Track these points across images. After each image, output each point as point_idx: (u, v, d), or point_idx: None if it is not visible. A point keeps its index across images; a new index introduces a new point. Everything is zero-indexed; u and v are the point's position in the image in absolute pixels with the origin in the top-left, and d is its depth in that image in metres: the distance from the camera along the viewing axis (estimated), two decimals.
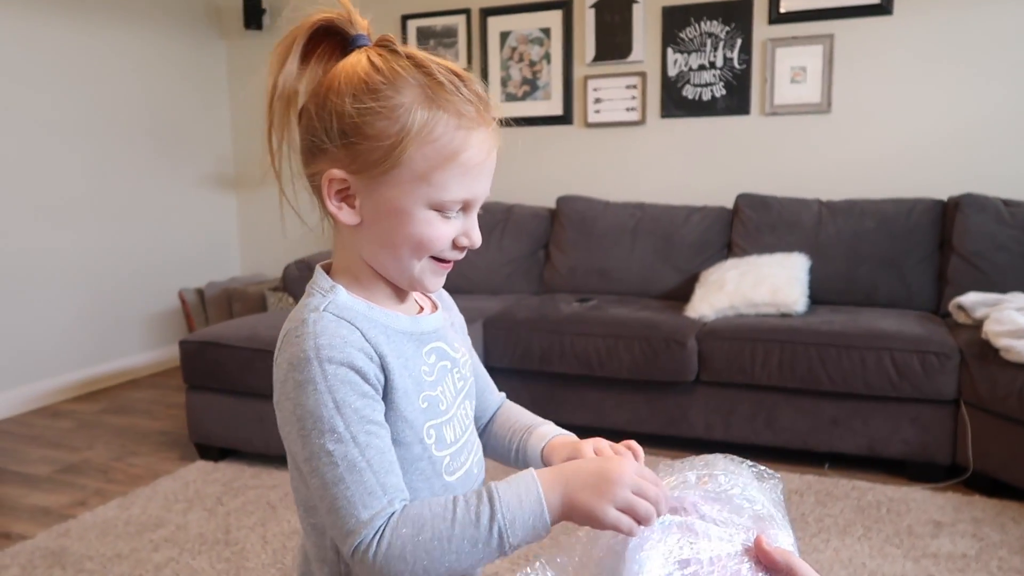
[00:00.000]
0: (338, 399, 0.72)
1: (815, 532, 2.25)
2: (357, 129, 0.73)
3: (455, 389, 0.85)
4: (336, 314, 0.76)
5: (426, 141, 0.73)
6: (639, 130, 3.75)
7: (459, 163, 0.74)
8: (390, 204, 0.75)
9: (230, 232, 4.69)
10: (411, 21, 4.06)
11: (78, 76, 3.74)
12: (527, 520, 0.71)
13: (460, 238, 0.79)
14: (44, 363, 3.64)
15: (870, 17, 3.31)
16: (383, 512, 0.71)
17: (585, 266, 3.49)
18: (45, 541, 2.29)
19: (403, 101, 0.73)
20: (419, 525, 0.70)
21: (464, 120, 0.74)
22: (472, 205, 0.79)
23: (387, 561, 0.70)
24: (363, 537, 0.70)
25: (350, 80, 0.74)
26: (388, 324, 0.79)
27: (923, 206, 3.11)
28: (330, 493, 0.71)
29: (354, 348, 0.74)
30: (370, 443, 0.72)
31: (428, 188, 0.74)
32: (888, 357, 2.56)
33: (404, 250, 0.77)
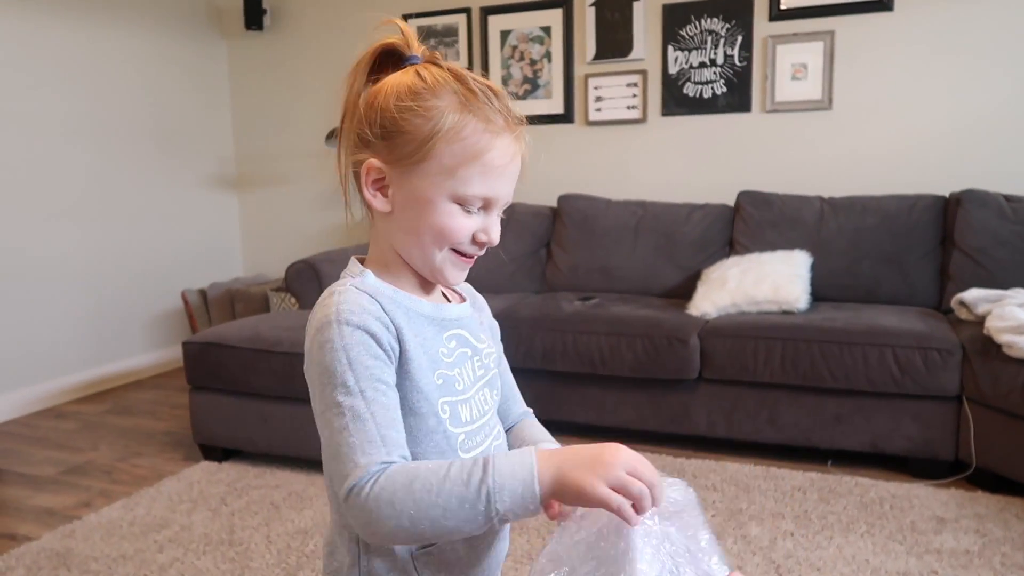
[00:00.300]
0: (351, 356, 0.78)
1: (818, 529, 2.25)
2: (396, 124, 0.83)
3: (474, 375, 0.91)
4: (360, 288, 0.84)
5: (455, 139, 0.82)
6: (640, 128, 3.75)
7: (482, 162, 0.83)
8: (418, 194, 0.84)
9: (232, 233, 4.70)
10: (412, 20, 4.04)
11: (79, 77, 3.74)
12: (516, 489, 0.73)
13: (479, 234, 0.86)
14: (48, 364, 3.65)
15: (871, 13, 3.31)
16: (379, 459, 0.75)
17: (587, 264, 3.49)
18: (50, 542, 2.30)
19: (439, 104, 0.82)
20: (412, 475, 0.74)
21: (491, 126, 0.83)
22: (493, 204, 0.86)
23: (377, 504, 0.73)
24: (358, 480, 0.74)
25: (397, 86, 0.84)
26: (410, 307, 0.87)
27: (925, 202, 3.11)
28: (335, 441, 0.77)
29: (371, 316, 0.81)
30: (376, 399, 0.78)
31: (452, 182, 0.83)
32: (890, 353, 2.56)
33: (427, 238, 0.85)
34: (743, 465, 2.70)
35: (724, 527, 2.28)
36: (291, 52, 4.39)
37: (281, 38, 4.41)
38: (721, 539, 2.21)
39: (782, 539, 2.20)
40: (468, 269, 0.90)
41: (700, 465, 2.71)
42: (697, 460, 2.76)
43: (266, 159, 4.56)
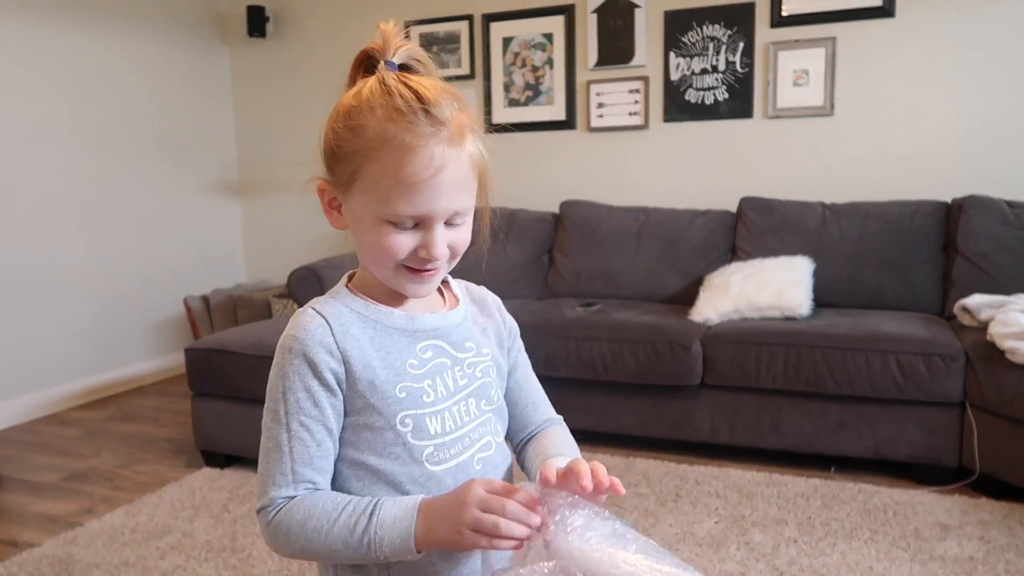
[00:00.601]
0: (286, 386, 0.84)
1: (822, 536, 2.24)
2: (331, 149, 0.85)
3: (454, 385, 0.91)
4: (318, 310, 0.87)
5: (375, 157, 0.81)
6: (642, 134, 3.76)
7: (399, 179, 0.80)
8: (355, 215, 0.86)
9: (235, 239, 4.70)
10: (414, 27, 4.07)
11: (83, 84, 3.76)
12: (395, 541, 0.79)
13: (419, 250, 0.84)
14: (50, 371, 3.66)
15: (872, 20, 3.31)
16: (285, 494, 0.83)
17: (589, 270, 3.49)
18: (52, 549, 2.30)
19: (362, 122, 0.82)
20: (307, 515, 0.82)
21: (413, 139, 0.80)
22: (427, 221, 0.83)
23: (275, 534, 0.83)
24: (263, 505, 0.84)
25: (337, 108, 0.86)
26: (379, 319, 0.89)
27: (927, 208, 3.11)
28: (261, 460, 0.85)
29: (315, 341, 0.84)
30: (298, 433, 0.83)
31: (377, 202, 0.82)
32: (893, 360, 2.55)
33: (372, 256, 0.86)
34: (746, 472, 2.70)
35: (727, 534, 2.27)
36: (294, 59, 4.41)
37: (284, 45, 4.42)
38: (724, 546, 2.20)
39: (785, 546, 2.19)
40: (431, 281, 0.88)
41: (702, 472, 2.70)
42: (700, 467, 2.75)
43: (269, 165, 4.57)
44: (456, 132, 0.82)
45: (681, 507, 2.45)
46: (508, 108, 3.97)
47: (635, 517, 2.39)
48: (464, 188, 0.84)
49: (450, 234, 0.85)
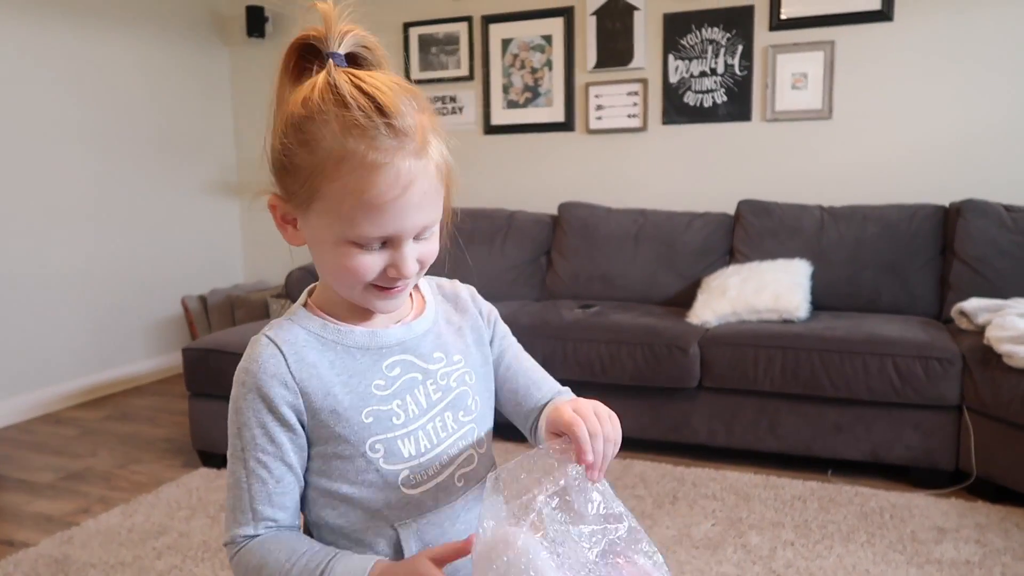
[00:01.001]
0: (242, 421, 0.81)
1: (818, 539, 2.24)
2: (282, 162, 0.78)
3: (427, 401, 0.85)
4: (272, 338, 0.82)
5: (334, 175, 0.74)
6: (641, 137, 3.76)
7: (364, 201, 0.73)
8: (314, 233, 0.79)
9: (233, 239, 4.70)
10: (413, 29, 4.07)
11: (81, 84, 3.75)
12: None
13: (389, 269, 0.78)
14: (47, 370, 3.65)
15: (871, 24, 3.32)
16: (246, 533, 0.81)
17: (587, 272, 3.49)
18: (48, 548, 2.30)
19: (316, 136, 0.74)
20: (262, 562, 0.79)
21: (376, 155, 0.73)
22: (395, 240, 0.77)
23: (236, 570, 0.82)
24: (226, 542, 0.83)
25: (283, 117, 0.78)
26: (339, 340, 0.83)
27: (925, 212, 3.12)
28: (226, 494, 0.83)
29: (268, 375, 0.80)
30: (254, 471, 0.80)
31: (340, 223, 0.75)
32: (891, 363, 2.56)
33: (336, 277, 0.80)
34: (743, 474, 2.70)
35: (724, 536, 2.27)
36: None
37: (283, 45, 4.39)
38: (721, 548, 2.20)
39: (782, 548, 2.19)
40: (400, 296, 0.82)
41: (700, 474, 2.71)
42: (697, 469, 2.75)
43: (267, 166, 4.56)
44: (420, 142, 0.75)
45: (678, 509, 2.45)
46: (507, 110, 3.98)
47: None
48: (433, 201, 0.78)
49: (418, 248, 0.79)
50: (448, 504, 0.85)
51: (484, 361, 0.93)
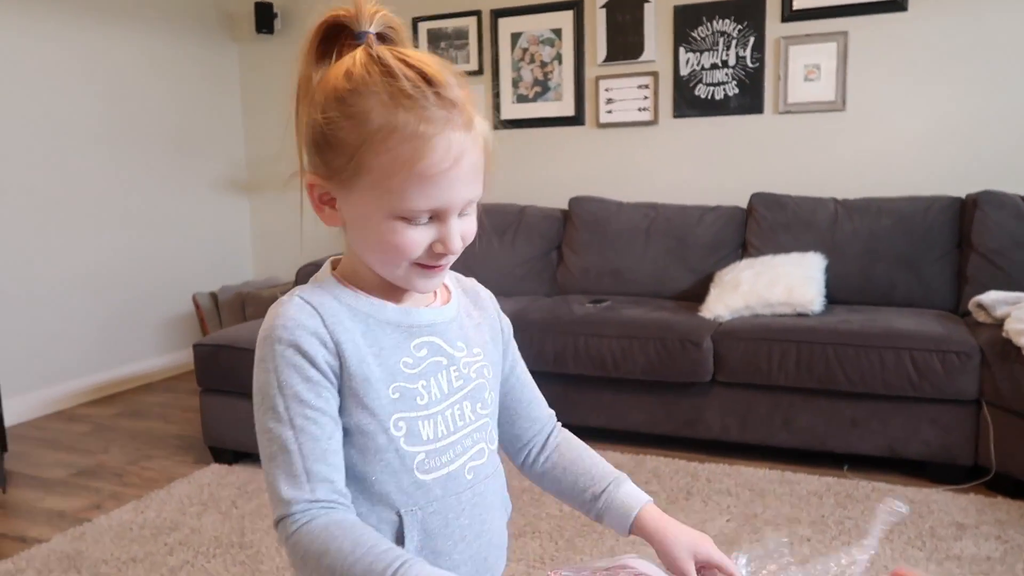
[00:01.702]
0: (282, 380, 0.75)
1: (835, 535, 2.22)
2: (324, 138, 0.75)
3: (448, 387, 0.84)
4: (305, 299, 0.79)
5: (383, 148, 0.72)
6: (651, 130, 3.73)
7: (416, 172, 0.72)
8: (358, 211, 0.77)
9: (243, 236, 4.70)
10: (422, 23, 4.06)
11: (91, 81, 3.75)
12: None
13: (435, 244, 0.77)
14: (60, 367, 3.66)
15: (885, 14, 3.28)
16: (303, 497, 0.74)
17: (598, 267, 3.47)
18: (60, 544, 2.30)
19: (363, 108, 0.73)
20: (325, 547, 0.73)
21: (426, 127, 0.72)
22: (443, 213, 0.76)
23: (293, 552, 0.75)
24: (281, 516, 0.75)
25: (324, 90, 0.75)
26: (372, 313, 0.81)
27: (941, 204, 3.08)
28: (266, 468, 0.77)
29: (306, 331, 0.76)
30: (304, 427, 0.75)
31: (388, 197, 0.74)
32: (907, 357, 2.52)
33: (381, 255, 0.78)
34: (757, 469, 2.67)
35: (739, 532, 2.25)
36: None
37: (291, 41, 4.41)
38: (736, 544, 2.18)
39: (798, 544, 2.17)
40: (441, 275, 0.81)
41: (713, 469, 2.68)
42: (710, 464, 2.73)
43: (276, 162, 4.56)
44: (467, 116, 0.75)
45: (692, 505, 2.43)
46: (516, 104, 3.95)
47: None
48: (478, 175, 0.77)
49: (461, 224, 0.78)
50: (455, 495, 0.84)
51: (496, 364, 0.93)
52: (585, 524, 2.31)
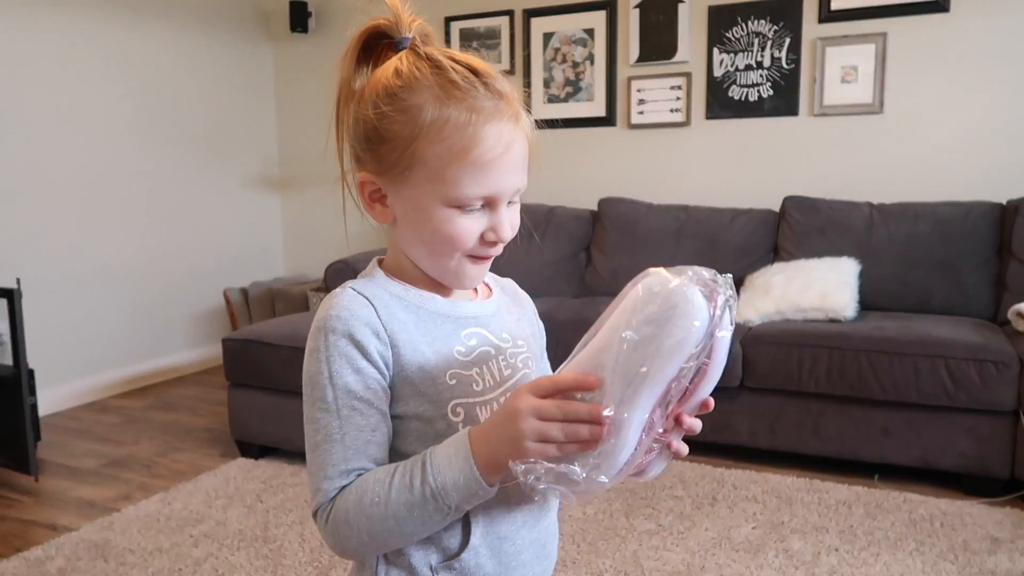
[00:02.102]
0: (333, 370, 0.76)
1: (864, 545, 2.17)
2: (377, 133, 0.77)
3: (500, 376, 0.85)
4: (358, 290, 0.80)
5: (437, 139, 0.75)
6: (684, 131, 3.69)
7: (471, 159, 0.75)
8: (412, 204, 0.79)
9: (274, 233, 4.75)
10: (454, 23, 4.06)
11: (127, 79, 3.82)
12: (458, 480, 0.71)
13: (487, 233, 0.79)
14: (93, 359, 3.72)
15: (925, 15, 3.21)
16: (339, 484, 0.75)
17: (627, 269, 3.44)
18: (89, 533, 2.33)
19: (416, 102, 0.75)
20: (361, 491, 0.73)
21: (476, 116, 0.75)
22: (495, 201, 0.78)
23: (335, 526, 0.74)
24: (320, 503, 0.76)
25: (374, 88, 0.78)
26: (422, 305, 0.83)
27: (981, 209, 3.00)
28: (309, 458, 0.78)
29: (360, 321, 0.77)
30: (351, 418, 0.76)
31: (443, 186, 0.76)
32: (943, 365, 2.46)
33: (433, 249, 0.80)
34: (785, 477, 2.62)
35: (765, 540, 2.21)
36: (335, 54, 4.34)
37: (325, 40, 4.44)
38: (762, 552, 2.14)
39: (826, 554, 2.12)
40: (487, 267, 0.84)
41: (741, 476, 2.64)
42: (737, 470, 2.69)
43: (309, 160, 4.60)
44: (515, 108, 0.78)
45: (718, 511, 2.39)
46: (548, 104, 3.94)
47: (670, 520, 2.34)
48: (525, 165, 0.80)
49: (510, 213, 0.80)
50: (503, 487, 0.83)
51: (538, 357, 0.94)
52: (608, 528, 2.29)
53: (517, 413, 0.69)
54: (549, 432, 0.68)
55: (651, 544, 2.20)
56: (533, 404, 0.69)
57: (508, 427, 0.70)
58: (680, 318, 0.68)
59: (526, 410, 0.69)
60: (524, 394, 0.70)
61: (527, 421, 0.68)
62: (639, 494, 2.51)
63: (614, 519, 2.34)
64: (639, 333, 0.69)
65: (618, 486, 2.54)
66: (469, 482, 0.71)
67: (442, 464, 0.72)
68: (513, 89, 0.79)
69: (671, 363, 0.68)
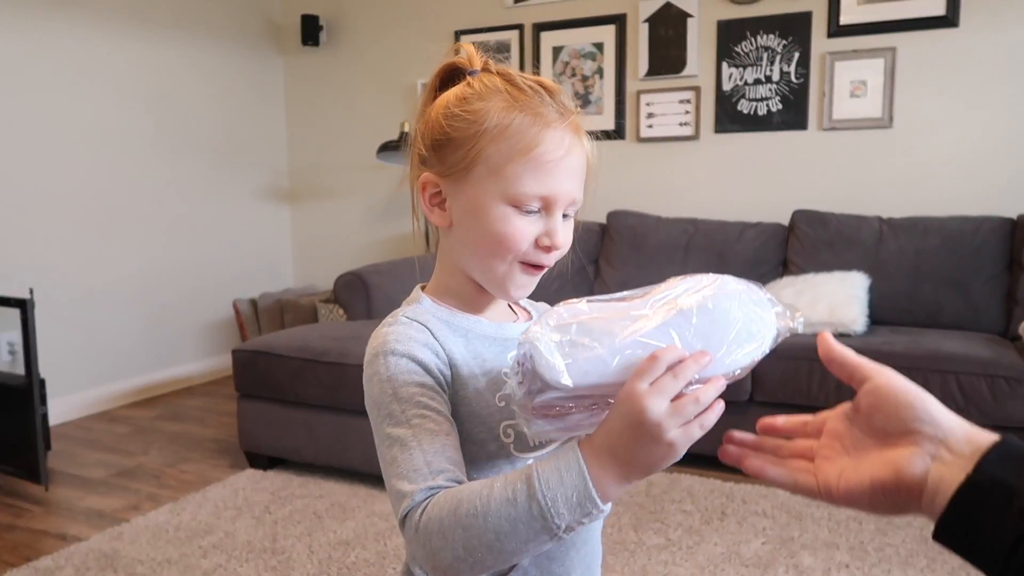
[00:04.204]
0: (396, 385, 0.77)
1: (875, 562, 2.15)
2: (445, 134, 0.81)
3: None
4: (410, 317, 0.82)
5: (501, 137, 0.78)
6: (692, 145, 3.70)
7: (531, 157, 0.78)
8: (472, 202, 0.80)
9: (284, 244, 4.77)
10: (464, 36, 4.09)
11: (140, 91, 3.85)
12: (570, 497, 0.65)
13: (542, 237, 0.80)
14: (103, 369, 3.74)
15: (934, 30, 3.21)
16: (424, 485, 0.71)
17: (636, 282, 3.42)
18: (99, 543, 2.34)
19: (485, 106, 0.79)
20: (457, 501, 0.68)
21: (539, 119, 0.79)
22: (552, 204, 0.80)
23: (427, 536, 0.69)
24: (408, 507, 0.71)
25: (447, 98, 0.82)
26: (470, 328, 0.85)
27: (991, 224, 2.99)
28: (387, 472, 0.75)
29: (418, 344, 0.79)
30: (422, 425, 0.75)
31: (503, 182, 0.78)
32: (954, 380, 2.45)
33: (487, 248, 0.81)
34: None
35: (774, 555, 2.20)
36: (346, 67, 4.46)
37: (336, 54, 4.48)
38: (771, 568, 2.13)
39: (836, 570, 2.11)
40: (535, 281, 0.85)
41: (750, 491, 2.63)
42: (747, 485, 2.68)
43: (318, 172, 4.63)
44: (576, 125, 0.82)
45: (727, 526, 2.38)
46: None
47: (679, 534, 2.33)
48: (583, 179, 0.83)
49: (564, 225, 0.82)
50: None
51: None
52: (616, 542, 2.28)
53: (655, 427, 0.62)
54: (693, 432, 0.64)
55: (660, 559, 2.19)
56: (668, 409, 0.62)
57: (644, 443, 0.63)
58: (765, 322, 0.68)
59: (663, 416, 0.62)
60: (647, 397, 0.62)
61: (671, 431, 0.62)
62: (648, 508, 2.50)
63: (623, 533, 2.33)
64: (711, 314, 0.66)
65: (626, 499, 2.54)
66: (583, 500, 0.65)
67: (552, 479, 0.66)
68: (578, 111, 0.83)
69: (741, 351, 0.66)
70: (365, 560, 2.22)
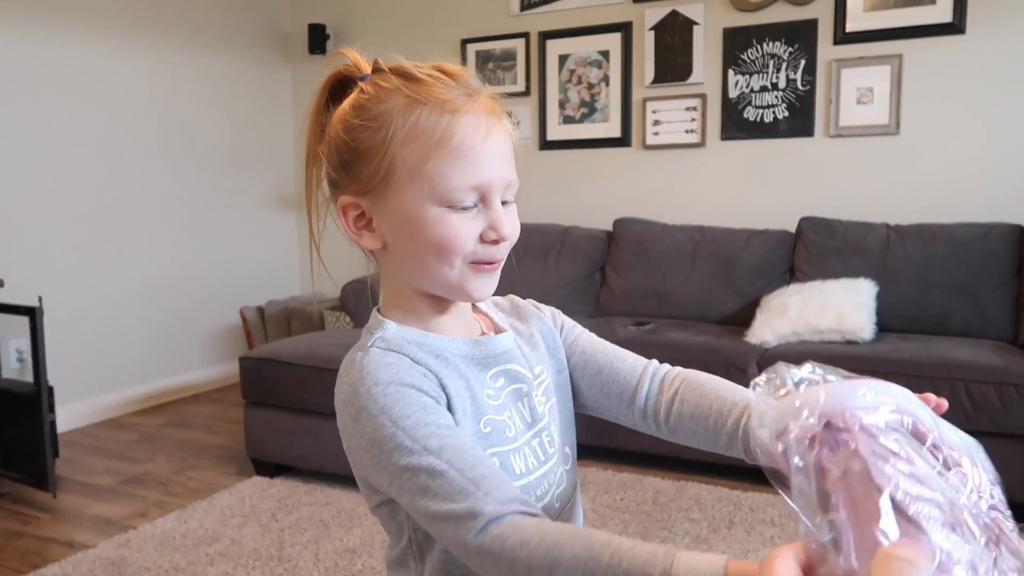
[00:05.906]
0: (394, 416, 0.69)
1: None
2: (352, 150, 0.75)
3: (530, 416, 0.80)
4: (383, 347, 0.75)
5: (411, 137, 0.72)
6: (699, 152, 3.70)
7: (450, 149, 0.71)
8: (400, 214, 0.74)
9: (290, 252, 4.78)
10: (470, 45, 4.10)
11: (147, 99, 3.88)
12: None
13: (486, 232, 0.74)
14: (110, 376, 3.75)
15: (941, 37, 3.21)
16: (480, 504, 0.65)
17: (642, 289, 3.44)
18: (106, 551, 2.34)
19: (385, 108, 0.73)
20: (554, 561, 0.61)
21: (447, 106, 0.72)
22: (487, 193, 0.73)
23: (488, 554, 0.64)
24: (479, 526, 0.64)
25: (343, 111, 0.76)
26: (444, 348, 0.77)
27: (1000, 231, 2.98)
28: (422, 505, 0.67)
29: (401, 369, 0.72)
30: (444, 445, 0.68)
31: (428, 183, 0.72)
32: (962, 388, 2.44)
33: (431, 260, 0.74)
34: None
35: None
36: None
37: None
38: None
39: None
40: (494, 275, 0.77)
41: (758, 499, 2.62)
42: (754, 493, 2.67)
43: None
44: (490, 104, 0.75)
45: (735, 534, 2.37)
46: (563, 125, 3.96)
47: (687, 543, 2.32)
48: (512, 160, 0.76)
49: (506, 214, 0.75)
50: None
51: (560, 368, 0.89)
52: None
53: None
54: None
55: None
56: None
57: None
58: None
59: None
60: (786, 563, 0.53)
61: None
62: (655, 516, 2.49)
63: None
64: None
65: (633, 508, 2.53)
66: None
67: None
68: (487, 89, 0.76)
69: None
70: (371, 568, 2.22)
